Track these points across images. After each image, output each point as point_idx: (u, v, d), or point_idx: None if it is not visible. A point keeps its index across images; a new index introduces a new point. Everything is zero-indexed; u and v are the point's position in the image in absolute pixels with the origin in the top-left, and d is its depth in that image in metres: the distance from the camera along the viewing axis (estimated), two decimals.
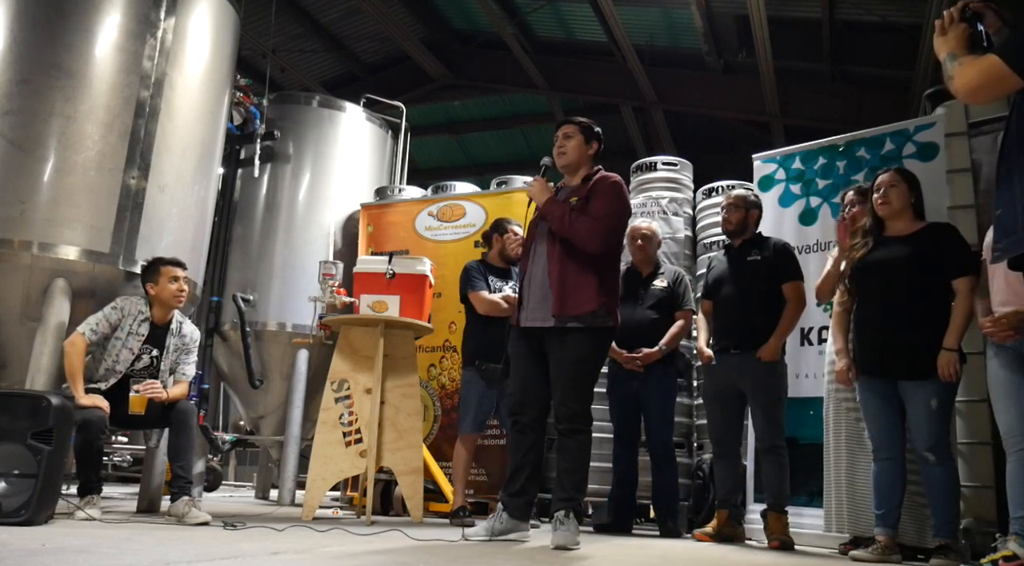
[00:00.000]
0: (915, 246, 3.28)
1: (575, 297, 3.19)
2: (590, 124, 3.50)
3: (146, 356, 3.76)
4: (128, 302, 3.73)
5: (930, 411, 3.12)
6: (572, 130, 3.45)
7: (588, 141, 3.45)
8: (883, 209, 3.37)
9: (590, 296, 3.18)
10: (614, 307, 3.30)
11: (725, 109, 9.79)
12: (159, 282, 3.74)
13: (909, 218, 3.36)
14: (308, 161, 6.17)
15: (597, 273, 3.23)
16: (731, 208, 4.07)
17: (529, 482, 3.32)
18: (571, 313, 3.18)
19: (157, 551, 2.31)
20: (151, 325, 3.75)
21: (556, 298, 3.20)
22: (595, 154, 3.48)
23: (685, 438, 5.16)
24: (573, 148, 3.43)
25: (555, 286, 3.21)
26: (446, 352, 5.47)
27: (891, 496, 3.21)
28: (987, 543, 3.27)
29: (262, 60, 9.16)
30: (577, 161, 3.44)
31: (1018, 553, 2.68)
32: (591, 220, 3.22)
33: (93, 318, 3.64)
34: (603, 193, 3.31)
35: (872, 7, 7.70)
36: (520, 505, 3.30)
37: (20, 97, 3.84)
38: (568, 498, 3.18)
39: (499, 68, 10.32)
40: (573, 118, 3.57)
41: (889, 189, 3.36)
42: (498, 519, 3.28)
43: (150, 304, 3.77)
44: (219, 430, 6.05)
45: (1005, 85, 2.00)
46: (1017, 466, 2.78)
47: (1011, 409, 2.81)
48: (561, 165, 3.48)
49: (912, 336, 3.20)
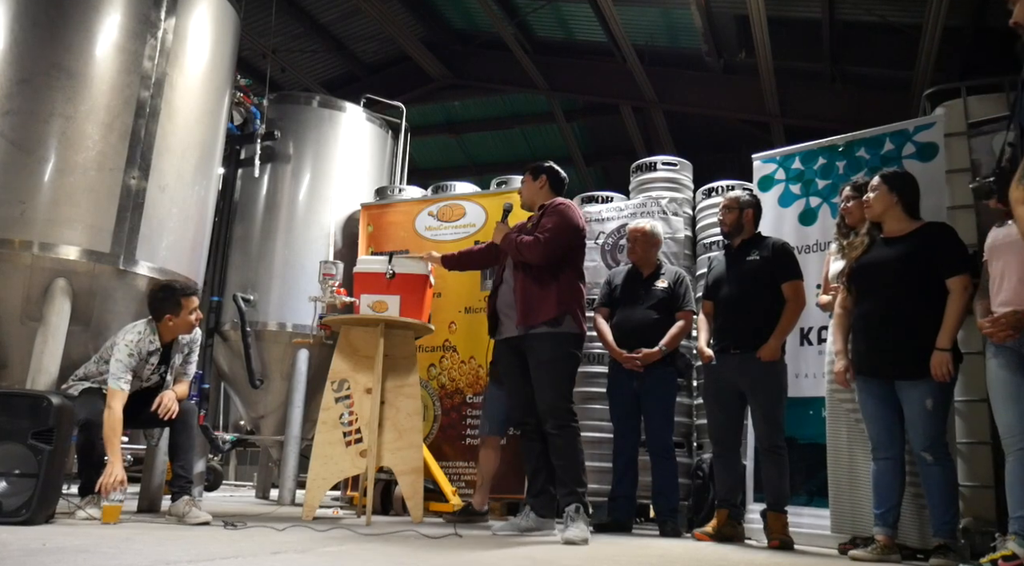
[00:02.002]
0: (910, 246, 3.29)
1: (535, 309, 3.61)
2: (538, 165, 4.01)
3: (155, 376, 3.76)
4: (140, 342, 3.60)
5: (925, 411, 3.13)
6: (525, 177, 4.03)
7: (536, 178, 3.95)
8: (867, 212, 3.45)
9: (549, 307, 3.60)
10: (577, 313, 3.66)
11: (725, 109, 9.79)
12: (180, 314, 3.68)
13: (902, 219, 3.37)
14: (308, 161, 6.17)
15: (556, 286, 3.63)
16: (725, 210, 4.09)
17: (548, 483, 3.69)
18: (531, 323, 3.61)
19: (157, 551, 2.31)
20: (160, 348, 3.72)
21: (520, 313, 3.65)
22: (547, 186, 3.92)
23: (685, 438, 5.16)
24: (525, 189, 4.01)
25: (519, 303, 3.67)
26: (446, 352, 5.47)
27: (890, 496, 3.22)
28: (986, 543, 3.28)
29: (262, 60, 9.16)
30: (531, 198, 3.97)
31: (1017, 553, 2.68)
32: (533, 237, 3.67)
33: (117, 369, 3.48)
34: (548, 214, 3.75)
35: (872, 7, 7.70)
36: (544, 503, 3.67)
37: (20, 97, 3.85)
38: (570, 492, 3.48)
39: (499, 68, 10.32)
40: (528, 166, 4.06)
41: (870, 192, 3.42)
42: (525, 517, 3.64)
43: (157, 330, 3.69)
44: (219, 430, 6.05)
45: None
46: (1016, 466, 2.79)
47: (1010, 409, 2.82)
48: (521, 206, 4.09)
49: (906, 336, 3.21)
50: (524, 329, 3.64)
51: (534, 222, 3.80)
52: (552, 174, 3.93)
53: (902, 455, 3.25)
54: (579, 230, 3.79)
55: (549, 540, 3.33)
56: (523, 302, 3.64)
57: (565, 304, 3.61)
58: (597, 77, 10.05)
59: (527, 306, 3.63)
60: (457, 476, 5.16)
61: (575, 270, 3.78)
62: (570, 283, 3.69)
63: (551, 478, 3.66)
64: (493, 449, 4.51)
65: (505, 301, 3.80)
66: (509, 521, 3.53)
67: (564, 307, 3.60)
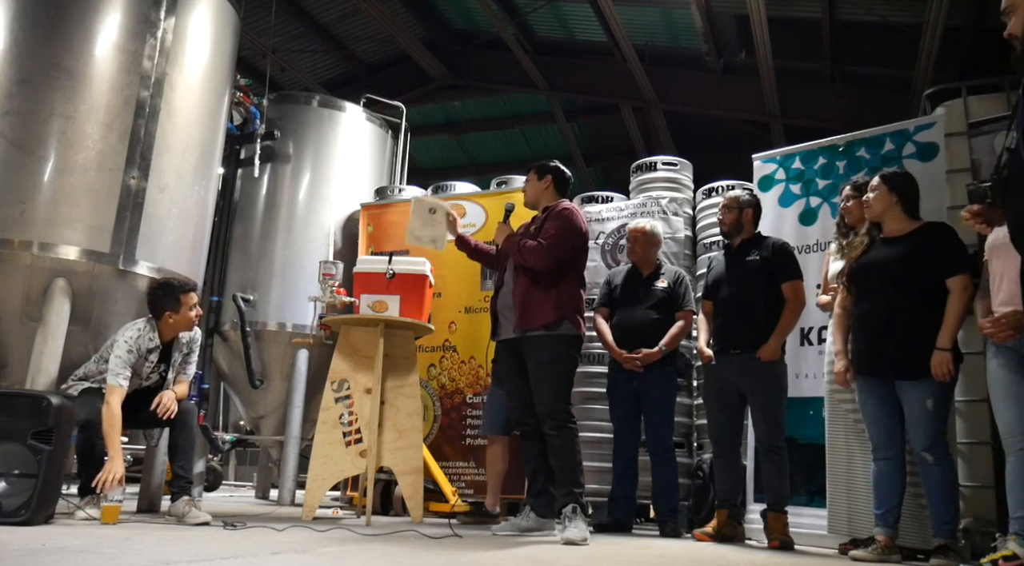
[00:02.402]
0: (909, 246, 3.29)
1: (534, 313, 3.63)
2: (543, 164, 3.97)
3: (155, 374, 3.76)
4: (139, 338, 3.62)
5: (926, 411, 3.13)
6: (529, 175, 3.98)
7: (541, 177, 3.91)
8: (867, 212, 3.45)
9: (547, 311, 3.62)
10: (575, 317, 3.67)
11: (725, 109, 9.78)
12: (180, 311, 3.69)
13: (901, 219, 3.37)
14: (308, 161, 6.17)
15: (556, 291, 3.64)
16: (724, 210, 4.09)
17: (548, 483, 3.70)
18: (529, 326, 3.63)
19: (157, 551, 2.31)
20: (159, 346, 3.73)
21: (518, 315, 3.67)
22: (551, 186, 3.89)
23: (685, 438, 5.15)
24: (529, 188, 3.97)
25: (518, 305, 3.69)
26: (446, 352, 5.47)
27: (890, 496, 3.22)
28: (987, 543, 3.27)
29: (262, 60, 9.16)
30: (535, 197, 3.94)
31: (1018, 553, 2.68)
32: (535, 243, 3.67)
33: (116, 365, 3.50)
34: (552, 218, 3.75)
35: (872, 7, 7.69)
36: (544, 503, 3.68)
37: (20, 97, 3.85)
38: (568, 493, 3.47)
39: (499, 68, 10.32)
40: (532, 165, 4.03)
41: (869, 192, 3.43)
42: (525, 518, 3.66)
43: (157, 328, 3.70)
44: (219, 430, 6.05)
45: None
46: (1017, 466, 2.78)
47: (1011, 409, 2.81)
48: (525, 204, 4.05)
49: (906, 336, 3.20)
50: (521, 331, 3.67)
51: (537, 225, 3.81)
52: (557, 174, 3.92)
53: (902, 455, 3.25)
54: (582, 235, 3.81)
55: (549, 540, 3.33)
56: (522, 305, 3.67)
57: (563, 308, 3.64)
58: (597, 77, 10.04)
59: (526, 309, 3.65)
60: (457, 476, 5.16)
61: (576, 274, 3.80)
62: (570, 288, 3.71)
63: (551, 478, 3.66)
64: (501, 448, 4.52)
65: (505, 303, 3.83)
66: (509, 521, 3.53)
67: (562, 311, 3.63)
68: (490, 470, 4.56)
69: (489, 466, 4.57)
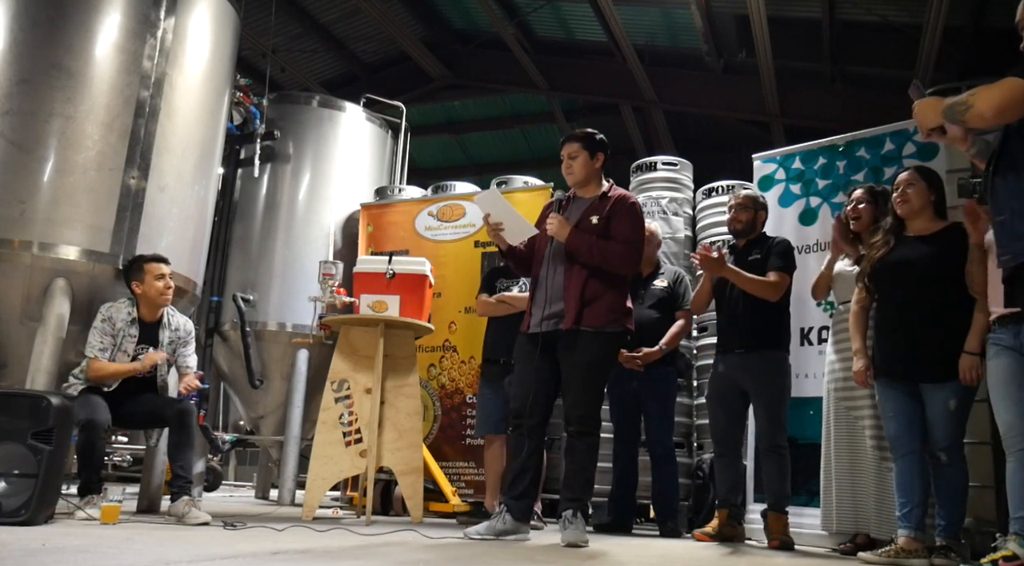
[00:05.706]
0: (936, 246, 3.21)
1: (589, 313, 3.31)
2: (592, 135, 3.56)
3: (141, 350, 3.76)
4: (113, 308, 3.74)
5: (948, 412, 3.09)
6: (575, 149, 3.53)
7: (593, 155, 3.53)
8: (902, 208, 3.31)
9: (603, 312, 3.32)
10: (622, 315, 3.41)
11: (725, 109, 9.78)
12: (144, 280, 3.75)
13: (929, 217, 3.30)
14: (308, 161, 6.17)
15: (613, 289, 3.37)
16: (740, 208, 4.02)
17: (532, 486, 3.42)
18: (581, 324, 3.31)
19: (157, 551, 2.31)
20: (141, 324, 3.76)
21: (571, 313, 3.31)
22: (603, 165, 3.56)
23: (685, 438, 5.16)
24: (580, 166, 3.53)
25: (573, 301, 3.32)
26: (446, 352, 5.47)
27: (913, 492, 3.12)
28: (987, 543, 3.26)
29: (262, 60, 9.16)
30: (586, 177, 3.54)
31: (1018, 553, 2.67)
32: (622, 245, 3.36)
33: (93, 339, 3.65)
34: (626, 216, 3.43)
35: (872, 7, 7.69)
36: (523, 507, 3.37)
37: (20, 97, 3.84)
38: (575, 498, 3.31)
39: (499, 68, 10.31)
40: (576, 133, 3.61)
41: (907, 187, 3.30)
42: (500, 520, 3.33)
43: (136, 303, 3.77)
44: (219, 430, 6.04)
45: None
46: (1017, 466, 2.77)
47: (1011, 409, 2.80)
48: (571, 184, 3.60)
49: (931, 338, 3.14)
50: (574, 326, 3.31)
51: (601, 216, 3.42)
52: (607, 149, 3.57)
53: (921, 450, 3.17)
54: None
55: (549, 541, 3.32)
56: (577, 301, 3.32)
57: (619, 309, 3.40)
58: (597, 77, 10.04)
59: (580, 306, 3.32)
60: (457, 476, 5.16)
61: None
62: (623, 283, 3.47)
63: (536, 480, 3.46)
64: (499, 447, 4.44)
65: (549, 291, 3.44)
66: (484, 524, 3.41)
67: (616, 314, 3.37)
68: (489, 470, 4.54)
69: (488, 466, 4.55)
